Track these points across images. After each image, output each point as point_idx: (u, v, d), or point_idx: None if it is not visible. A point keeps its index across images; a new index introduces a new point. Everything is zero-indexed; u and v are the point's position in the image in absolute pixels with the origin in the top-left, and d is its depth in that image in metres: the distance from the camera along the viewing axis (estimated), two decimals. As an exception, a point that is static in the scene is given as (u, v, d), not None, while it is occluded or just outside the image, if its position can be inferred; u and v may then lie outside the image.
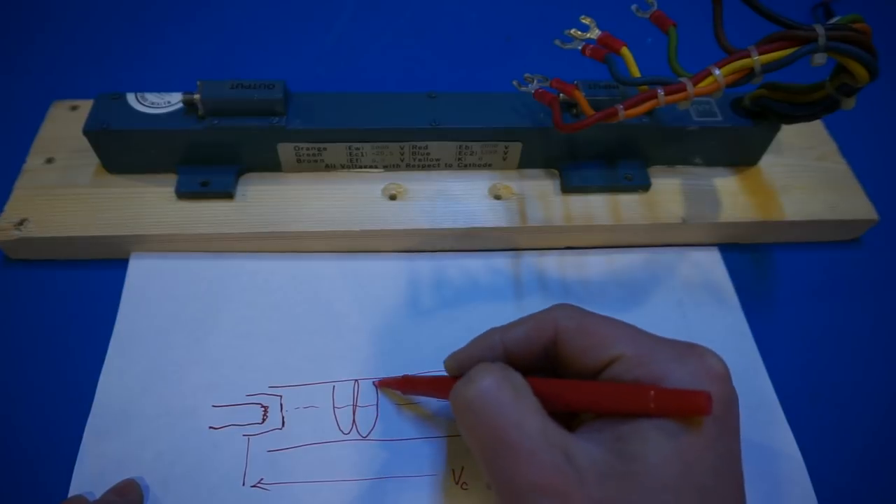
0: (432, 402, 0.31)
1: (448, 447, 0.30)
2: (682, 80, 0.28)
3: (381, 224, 0.35)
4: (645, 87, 0.29)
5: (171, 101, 0.35)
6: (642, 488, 0.20)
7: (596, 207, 0.37)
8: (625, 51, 0.31)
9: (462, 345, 0.33)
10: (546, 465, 0.20)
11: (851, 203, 0.38)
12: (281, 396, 0.31)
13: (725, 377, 0.22)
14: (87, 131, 0.34)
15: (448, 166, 0.38)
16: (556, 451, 0.20)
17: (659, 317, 0.35)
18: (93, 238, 0.34)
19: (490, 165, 0.38)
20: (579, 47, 0.32)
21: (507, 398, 0.22)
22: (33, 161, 0.37)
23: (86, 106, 0.37)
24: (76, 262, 0.36)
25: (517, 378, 0.23)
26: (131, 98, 0.35)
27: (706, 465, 0.20)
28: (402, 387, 0.31)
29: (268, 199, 0.36)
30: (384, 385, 0.31)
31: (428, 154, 0.37)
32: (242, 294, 0.34)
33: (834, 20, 0.28)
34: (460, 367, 0.26)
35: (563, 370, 0.24)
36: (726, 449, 0.21)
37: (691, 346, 0.23)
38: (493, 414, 0.22)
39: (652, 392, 0.20)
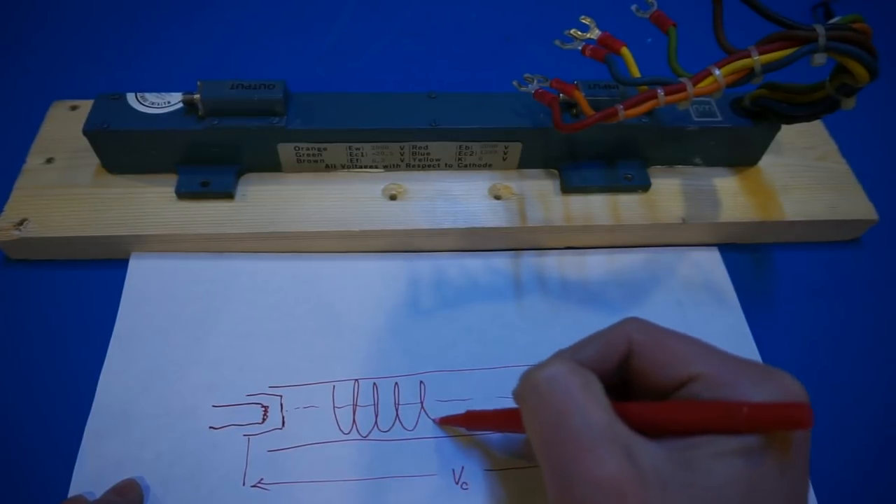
0: (432, 405, 0.31)
1: (448, 447, 0.30)
2: (682, 80, 0.28)
3: (381, 224, 0.35)
4: (645, 87, 0.29)
5: (171, 101, 0.35)
6: (702, 501, 0.19)
7: (596, 207, 0.37)
8: (625, 51, 0.31)
9: (463, 344, 0.33)
10: (607, 458, 0.19)
11: (851, 203, 0.38)
12: (281, 396, 0.31)
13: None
14: (87, 131, 0.34)
15: (448, 166, 0.38)
16: (619, 447, 0.20)
17: (659, 317, 0.34)
18: (93, 238, 0.34)
19: (490, 165, 0.38)
20: (579, 47, 0.32)
21: (576, 387, 0.21)
22: (33, 161, 0.37)
23: (86, 106, 0.37)
24: (76, 262, 0.36)
25: (589, 374, 0.22)
26: (131, 98, 0.35)
27: (773, 490, 0.19)
28: (466, 423, 0.30)
29: (268, 199, 0.36)
30: (446, 423, 0.31)
31: (428, 154, 0.37)
32: (242, 294, 0.34)
33: (834, 20, 0.28)
34: None
35: (635, 385, 0.24)
36: (796, 478, 0.20)
37: (770, 368, 0.22)
38: (560, 399, 0.21)
39: (745, 409, 0.19)
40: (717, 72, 0.28)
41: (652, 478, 0.19)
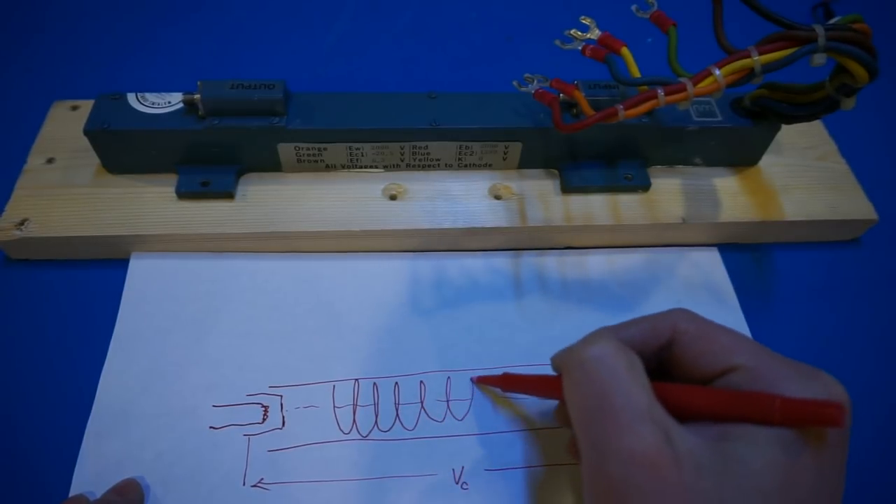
0: (432, 405, 0.31)
1: (448, 447, 0.30)
2: (682, 80, 0.28)
3: (381, 224, 0.35)
4: (645, 87, 0.29)
5: (171, 101, 0.35)
6: (738, 489, 0.19)
7: (596, 207, 0.37)
8: (625, 51, 0.31)
9: (463, 344, 0.33)
10: (646, 437, 0.20)
11: (851, 203, 0.38)
12: (281, 396, 0.31)
13: (846, 407, 0.21)
14: (88, 131, 0.34)
15: (448, 166, 0.38)
16: (658, 428, 0.20)
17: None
18: (93, 238, 0.34)
19: (490, 165, 0.38)
20: (579, 47, 0.32)
21: (620, 366, 0.22)
22: (34, 161, 0.37)
23: (86, 106, 0.37)
24: (76, 262, 0.36)
25: (633, 356, 0.22)
26: (132, 98, 0.35)
27: (809, 485, 0.20)
28: (502, 384, 0.31)
29: (268, 199, 0.36)
30: (482, 382, 0.31)
31: (428, 154, 0.37)
32: (242, 294, 0.34)
33: (834, 20, 0.28)
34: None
35: (674, 373, 0.24)
36: (833, 476, 0.20)
37: (813, 369, 0.22)
38: (604, 376, 0.21)
39: (777, 401, 0.20)
40: (717, 72, 0.28)
41: (688, 460, 0.20)
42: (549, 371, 0.32)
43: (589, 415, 0.21)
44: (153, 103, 0.35)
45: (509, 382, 0.30)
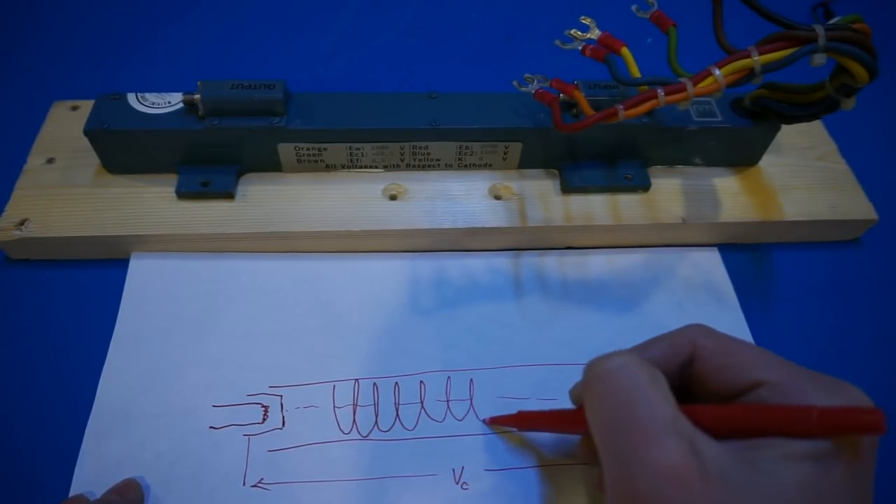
0: (432, 405, 0.31)
1: (448, 447, 0.30)
2: (682, 80, 0.28)
3: (381, 224, 0.35)
4: (645, 87, 0.29)
5: (171, 101, 0.35)
6: (767, 501, 0.19)
7: (596, 207, 0.37)
8: (625, 51, 0.31)
9: (463, 344, 0.33)
10: (672, 449, 0.19)
11: (851, 203, 0.38)
12: (281, 396, 0.31)
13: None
14: (88, 131, 0.34)
15: (448, 166, 0.38)
16: (683, 440, 0.20)
17: (659, 317, 0.35)
18: (93, 238, 0.34)
19: (490, 165, 0.38)
20: (579, 47, 0.32)
21: (643, 380, 0.21)
22: (34, 161, 0.37)
23: (86, 106, 0.37)
24: (76, 262, 0.36)
25: (655, 370, 0.22)
26: (131, 98, 0.35)
27: (840, 496, 0.19)
28: (518, 423, 0.30)
29: (268, 199, 0.36)
30: (495, 423, 0.31)
31: (428, 154, 0.37)
32: (242, 294, 0.34)
33: (834, 20, 0.28)
34: (581, 400, 0.26)
35: (698, 392, 0.24)
36: (863, 485, 0.20)
37: (836, 380, 0.22)
38: (626, 388, 0.21)
39: (815, 412, 0.19)
40: (717, 72, 0.28)
41: (715, 472, 0.19)
42: (548, 372, 0.32)
43: (612, 428, 0.21)
44: (153, 103, 0.35)
45: (525, 421, 0.30)
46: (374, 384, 0.32)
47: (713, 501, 0.19)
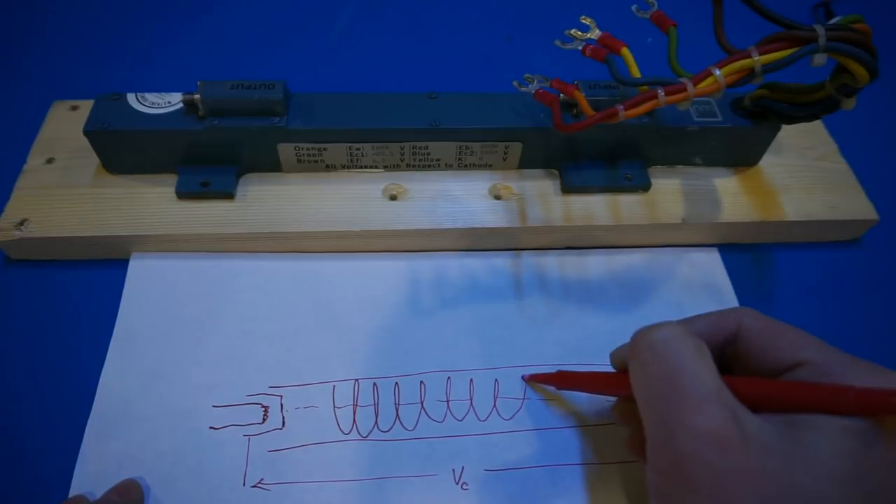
0: (432, 405, 0.31)
1: (448, 447, 0.30)
2: (683, 80, 0.28)
3: (381, 224, 0.35)
4: (645, 87, 0.29)
5: (171, 102, 0.35)
6: (808, 474, 0.19)
7: (596, 207, 0.37)
8: (625, 51, 0.31)
9: (463, 344, 0.33)
10: (715, 415, 0.20)
11: (851, 203, 0.38)
12: (281, 396, 0.31)
13: None
14: (88, 131, 0.34)
15: (448, 166, 0.38)
16: (726, 409, 0.20)
17: (659, 317, 0.34)
18: (93, 238, 0.34)
19: (490, 165, 0.38)
20: (579, 47, 0.32)
21: (689, 350, 0.22)
22: (34, 161, 0.37)
23: (86, 106, 0.37)
24: (76, 262, 0.36)
25: (700, 342, 0.22)
26: (131, 98, 0.35)
27: (880, 476, 0.20)
28: (557, 382, 0.31)
29: (268, 200, 0.36)
30: (534, 380, 0.32)
31: (428, 154, 0.37)
32: (242, 294, 0.34)
33: (834, 20, 0.28)
34: (623, 363, 0.27)
35: (738, 370, 0.24)
36: None
37: (878, 366, 0.22)
38: (673, 357, 0.22)
39: (852, 392, 0.20)
40: (717, 72, 0.28)
41: (756, 441, 0.20)
42: (548, 371, 0.32)
43: (657, 394, 0.22)
44: (153, 103, 0.35)
45: (564, 380, 0.30)
46: (374, 384, 0.32)
47: (753, 468, 0.19)
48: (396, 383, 0.32)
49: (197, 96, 0.33)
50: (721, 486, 0.19)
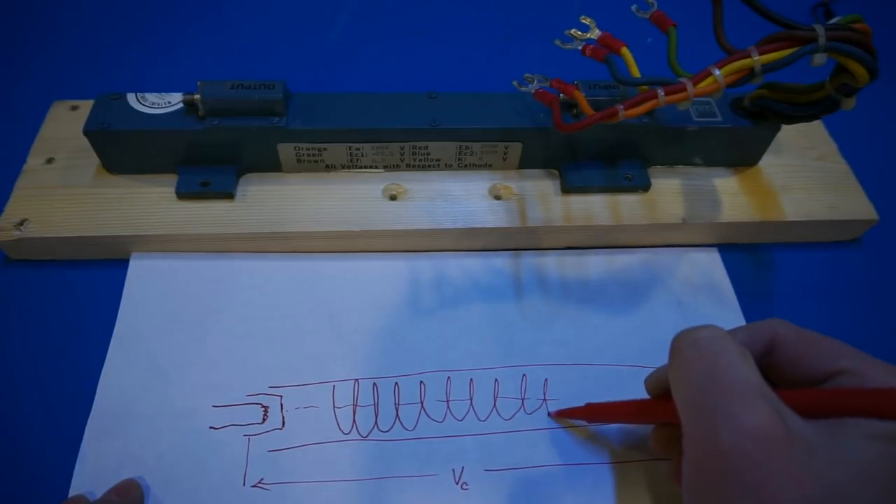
0: (432, 405, 0.31)
1: (448, 447, 0.30)
2: (682, 80, 0.28)
3: (381, 224, 0.35)
4: (645, 87, 0.29)
5: (171, 102, 0.35)
6: (850, 475, 0.19)
7: (596, 207, 0.37)
8: (625, 51, 0.31)
9: (463, 344, 0.33)
10: (759, 410, 0.20)
11: (851, 203, 0.38)
12: (281, 396, 0.31)
13: None
14: (88, 131, 0.34)
15: (448, 166, 0.38)
16: (770, 406, 0.20)
17: (658, 317, 0.35)
18: (93, 238, 0.34)
19: (490, 165, 0.38)
20: (579, 47, 0.32)
21: (732, 348, 0.22)
22: (33, 161, 0.37)
23: (86, 106, 0.37)
24: (76, 262, 0.36)
25: (742, 346, 0.23)
26: (131, 98, 0.35)
27: None
28: (587, 416, 0.30)
29: (268, 199, 0.36)
30: (562, 416, 0.31)
31: (428, 154, 0.37)
32: (242, 294, 0.34)
33: (834, 20, 0.28)
34: (658, 388, 0.27)
35: (775, 381, 0.24)
36: None
37: None
38: (716, 354, 0.22)
39: (894, 396, 0.20)
40: (717, 72, 0.28)
41: (800, 439, 0.20)
42: (548, 372, 0.32)
43: (699, 390, 0.21)
44: (153, 103, 0.35)
45: (594, 413, 0.30)
46: (374, 384, 0.32)
47: (797, 465, 0.19)
48: (396, 383, 0.32)
49: (197, 96, 0.33)
50: (764, 481, 0.19)
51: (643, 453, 0.30)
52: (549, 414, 0.31)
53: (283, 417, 0.30)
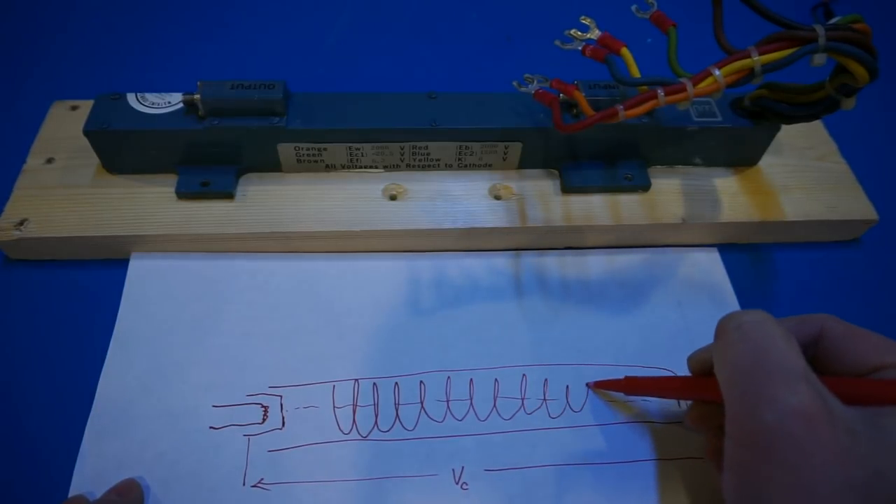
0: (432, 405, 0.31)
1: (448, 447, 0.30)
2: (682, 80, 0.28)
3: (381, 224, 0.35)
4: (645, 87, 0.29)
5: (171, 102, 0.35)
6: (891, 460, 0.19)
7: (596, 207, 0.37)
8: (625, 51, 0.31)
9: (463, 344, 0.33)
10: (803, 392, 0.20)
11: (851, 203, 0.38)
12: (281, 396, 0.31)
13: None
14: (88, 131, 0.34)
15: (448, 166, 0.38)
16: (813, 388, 0.20)
17: (658, 317, 0.35)
18: (93, 238, 0.34)
19: (490, 165, 0.38)
20: (579, 47, 0.32)
21: (777, 334, 0.22)
22: (33, 161, 0.37)
23: (86, 106, 0.37)
24: (76, 262, 0.36)
25: (788, 331, 0.23)
26: (131, 98, 0.35)
27: None
28: (626, 388, 0.31)
29: (268, 199, 0.36)
30: (600, 387, 0.32)
31: (428, 154, 0.37)
32: (242, 294, 0.34)
33: (834, 20, 0.28)
34: (700, 367, 0.27)
35: (820, 371, 0.24)
36: None
37: None
38: (761, 337, 0.22)
39: None
40: (717, 72, 0.28)
41: (842, 423, 0.20)
42: (548, 372, 0.32)
43: (743, 371, 0.22)
44: (153, 103, 0.35)
45: (634, 386, 0.30)
46: (374, 384, 0.32)
47: (840, 448, 0.19)
48: (396, 383, 0.32)
49: (197, 96, 0.33)
50: (807, 461, 0.19)
51: (643, 453, 0.30)
52: (587, 384, 0.32)
53: (283, 417, 0.30)
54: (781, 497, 0.20)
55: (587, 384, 0.32)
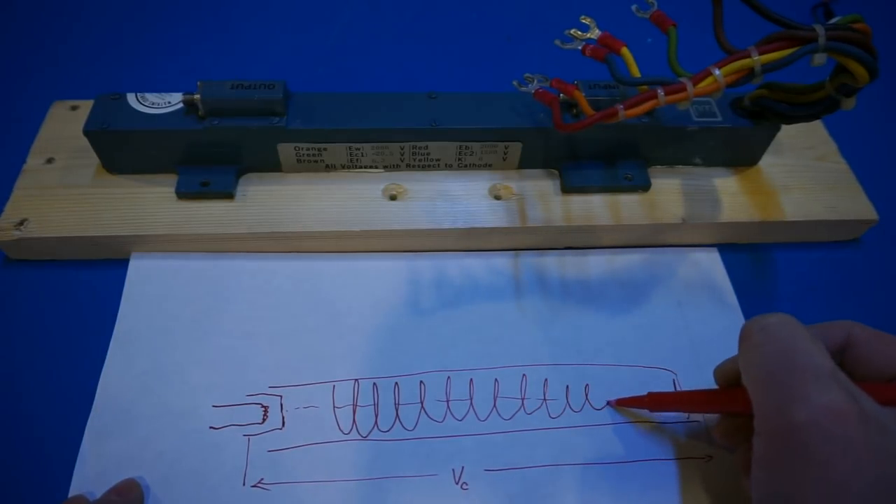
0: (432, 405, 0.31)
1: (448, 447, 0.30)
2: (682, 80, 0.28)
3: (381, 224, 0.35)
4: (645, 87, 0.29)
5: (171, 102, 0.35)
6: None
7: (596, 207, 0.37)
8: (625, 51, 0.31)
9: (463, 344, 0.33)
10: (833, 389, 0.20)
11: (851, 203, 0.38)
12: (281, 396, 0.31)
13: None
14: (88, 131, 0.34)
15: (448, 166, 0.38)
16: (843, 386, 0.20)
17: (658, 317, 0.35)
18: (93, 238, 0.34)
19: (490, 165, 0.38)
20: (579, 47, 0.32)
21: (803, 334, 0.22)
22: (33, 161, 0.37)
23: (86, 106, 0.37)
24: (76, 262, 0.36)
25: (812, 334, 0.23)
26: (131, 98, 0.35)
27: None
28: (649, 405, 0.30)
29: (268, 199, 0.36)
30: (623, 405, 0.31)
31: (428, 154, 0.37)
32: (242, 294, 0.34)
33: (834, 20, 0.28)
34: (727, 378, 0.27)
35: (850, 377, 0.24)
36: None
37: None
38: (788, 338, 0.22)
39: None
40: (717, 72, 0.28)
41: (874, 420, 0.20)
42: (548, 372, 0.32)
43: (771, 371, 0.22)
44: (153, 103, 0.35)
45: (658, 402, 0.30)
46: (374, 384, 0.32)
47: (871, 445, 0.19)
48: (396, 383, 0.32)
49: (197, 96, 0.33)
50: (840, 458, 0.19)
51: (644, 453, 0.30)
52: (608, 403, 0.31)
53: (283, 417, 0.30)
54: (814, 494, 0.20)
55: (608, 402, 0.31)
